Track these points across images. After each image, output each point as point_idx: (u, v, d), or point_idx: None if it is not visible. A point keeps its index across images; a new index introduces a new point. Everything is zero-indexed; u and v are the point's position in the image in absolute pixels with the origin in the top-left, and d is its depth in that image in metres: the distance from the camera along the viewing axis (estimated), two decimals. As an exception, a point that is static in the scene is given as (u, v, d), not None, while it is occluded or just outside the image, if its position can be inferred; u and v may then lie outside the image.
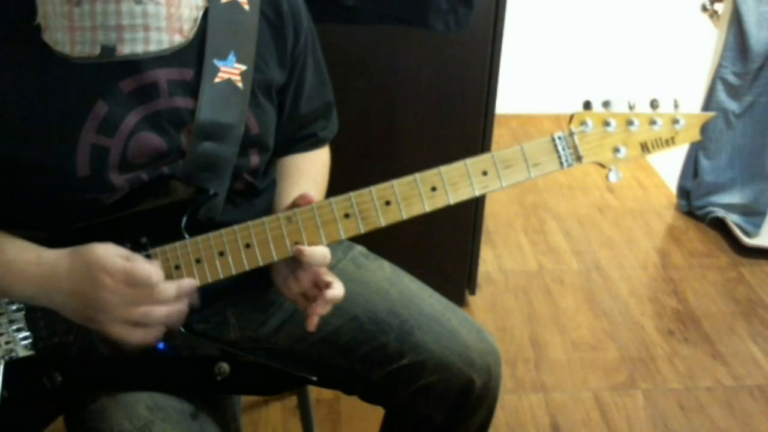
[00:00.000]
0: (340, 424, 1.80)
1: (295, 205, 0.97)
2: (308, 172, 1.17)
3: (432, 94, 1.81)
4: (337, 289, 0.99)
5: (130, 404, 0.95)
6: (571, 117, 0.97)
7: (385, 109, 1.82)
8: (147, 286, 0.89)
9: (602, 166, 0.98)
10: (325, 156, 1.23)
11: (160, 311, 0.91)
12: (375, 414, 1.22)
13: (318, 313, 0.98)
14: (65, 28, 0.82)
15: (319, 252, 0.95)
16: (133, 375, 0.97)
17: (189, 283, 0.94)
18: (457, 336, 1.11)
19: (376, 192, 0.94)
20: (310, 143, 1.19)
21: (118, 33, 0.83)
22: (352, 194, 0.94)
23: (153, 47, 0.85)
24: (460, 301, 2.18)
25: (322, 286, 0.99)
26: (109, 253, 0.89)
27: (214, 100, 0.96)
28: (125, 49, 0.84)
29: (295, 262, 0.96)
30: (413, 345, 1.10)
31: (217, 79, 0.97)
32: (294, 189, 1.10)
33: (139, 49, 0.84)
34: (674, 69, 2.98)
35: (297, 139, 1.17)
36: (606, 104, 0.97)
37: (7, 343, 0.95)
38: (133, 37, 0.84)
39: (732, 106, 2.43)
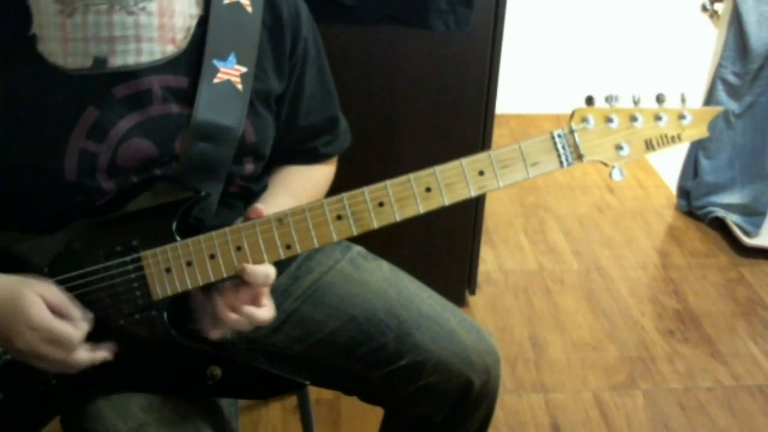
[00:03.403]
0: (340, 424, 1.80)
1: (246, 218, 0.94)
2: (291, 186, 1.14)
3: (432, 94, 1.80)
4: (266, 314, 0.95)
5: (124, 405, 0.95)
6: (572, 113, 0.93)
7: (385, 109, 1.82)
8: (65, 348, 0.88)
9: (605, 164, 0.95)
10: (320, 173, 1.19)
11: (68, 368, 0.91)
12: (375, 414, 1.22)
13: (236, 325, 0.94)
14: (58, 40, 0.82)
15: (261, 271, 0.92)
16: (127, 377, 0.97)
17: (102, 356, 0.92)
18: (456, 336, 1.11)
19: (369, 193, 0.92)
20: (307, 157, 1.17)
21: (110, 45, 0.83)
22: (345, 195, 0.92)
23: (145, 58, 0.85)
24: (460, 301, 2.18)
25: (257, 305, 0.95)
26: (39, 308, 0.86)
27: (212, 100, 0.95)
28: (117, 61, 0.84)
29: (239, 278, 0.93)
30: (412, 345, 1.10)
31: (216, 80, 0.96)
32: (270, 200, 1.09)
33: (131, 60, 0.84)
34: (674, 69, 2.98)
35: (296, 151, 1.16)
36: (609, 99, 0.93)
37: (1, 345, 0.95)
38: (125, 48, 0.83)
39: (732, 106, 2.43)
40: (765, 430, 1.82)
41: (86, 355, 0.91)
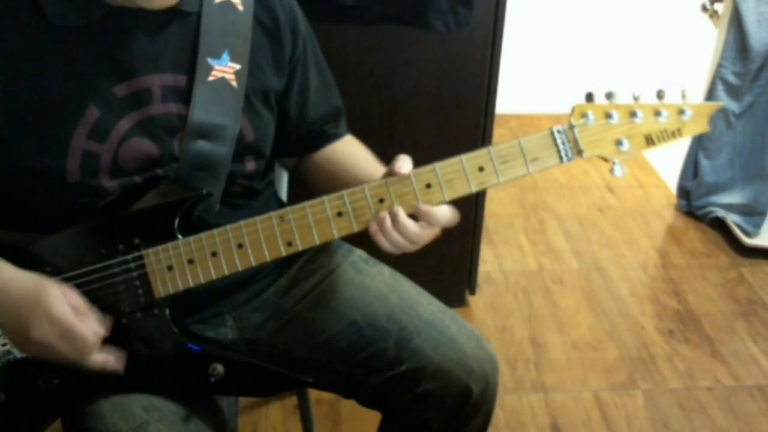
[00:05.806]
0: (340, 424, 1.79)
1: (390, 174, 0.93)
2: (360, 148, 1.17)
3: (432, 94, 1.81)
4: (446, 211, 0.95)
5: (125, 405, 0.95)
6: (572, 109, 0.93)
7: (385, 109, 1.82)
8: (79, 347, 0.89)
9: (605, 160, 0.95)
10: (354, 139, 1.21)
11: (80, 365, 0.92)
12: (375, 414, 1.22)
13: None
14: None
15: (446, 212, 0.94)
16: (128, 376, 0.97)
17: (113, 368, 0.93)
18: (455, 344, 1.11)
19: (369, 190, 0.92)
20: (324, 138, 1.18)
21: None
22: (345, 192, 0.92)
23: None
24: (460, 301, 2.18)
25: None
26: (61, 302, 0.88)
27: (207, 98, 0.96)
28: None
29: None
30: (412, 352, 1.09)
31: (210, 78, 0.97)
32: (368, 169, 1.09)
33: None
34: (674, 69, 2.98)
35: (311, 138, 1.17)
36: (609, 95, 0.93)
37: (3, 345, 0.95)
38: None
39: (732, 106, 2.43)
40: (765, 430, 1.82)
41: (99, 358, 0.92)
